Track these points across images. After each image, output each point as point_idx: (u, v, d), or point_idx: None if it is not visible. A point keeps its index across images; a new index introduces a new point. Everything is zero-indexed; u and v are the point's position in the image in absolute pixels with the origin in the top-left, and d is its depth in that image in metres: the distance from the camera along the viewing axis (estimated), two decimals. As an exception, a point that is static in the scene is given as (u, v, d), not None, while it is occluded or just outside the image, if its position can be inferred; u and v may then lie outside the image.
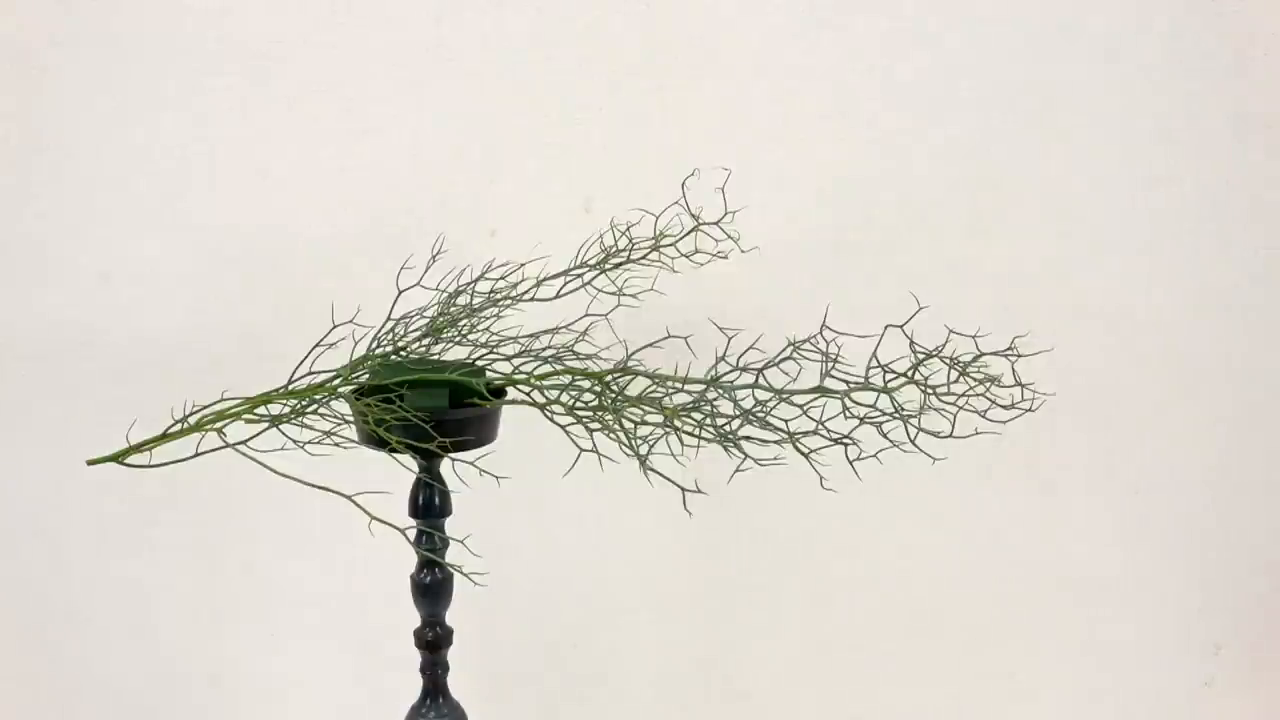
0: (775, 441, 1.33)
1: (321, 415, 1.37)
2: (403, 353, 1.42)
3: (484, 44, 1.71)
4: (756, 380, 1.34)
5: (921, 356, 1.33)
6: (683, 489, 1.31)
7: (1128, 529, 1.87)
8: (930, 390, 1.32)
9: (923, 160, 1.76)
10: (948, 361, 1.34)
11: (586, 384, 1.37)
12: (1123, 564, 1.88)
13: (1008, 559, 1.87)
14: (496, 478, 1.36)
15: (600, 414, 1.35)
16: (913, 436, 1.32)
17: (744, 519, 1.81)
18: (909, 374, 1.33)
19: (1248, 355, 1.83)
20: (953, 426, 1.32)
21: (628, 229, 1.45)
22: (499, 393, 1.41)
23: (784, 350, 1.35)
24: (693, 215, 1.42)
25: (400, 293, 1.42)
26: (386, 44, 1.70)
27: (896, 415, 1.32)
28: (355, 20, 1.69)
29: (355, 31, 1.69)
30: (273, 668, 1.85)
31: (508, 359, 1.43)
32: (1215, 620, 1.90)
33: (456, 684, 1.50)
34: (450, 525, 1.43)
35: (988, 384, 1.33)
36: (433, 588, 1.45)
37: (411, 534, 1.38)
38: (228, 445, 1.31)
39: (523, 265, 1.49)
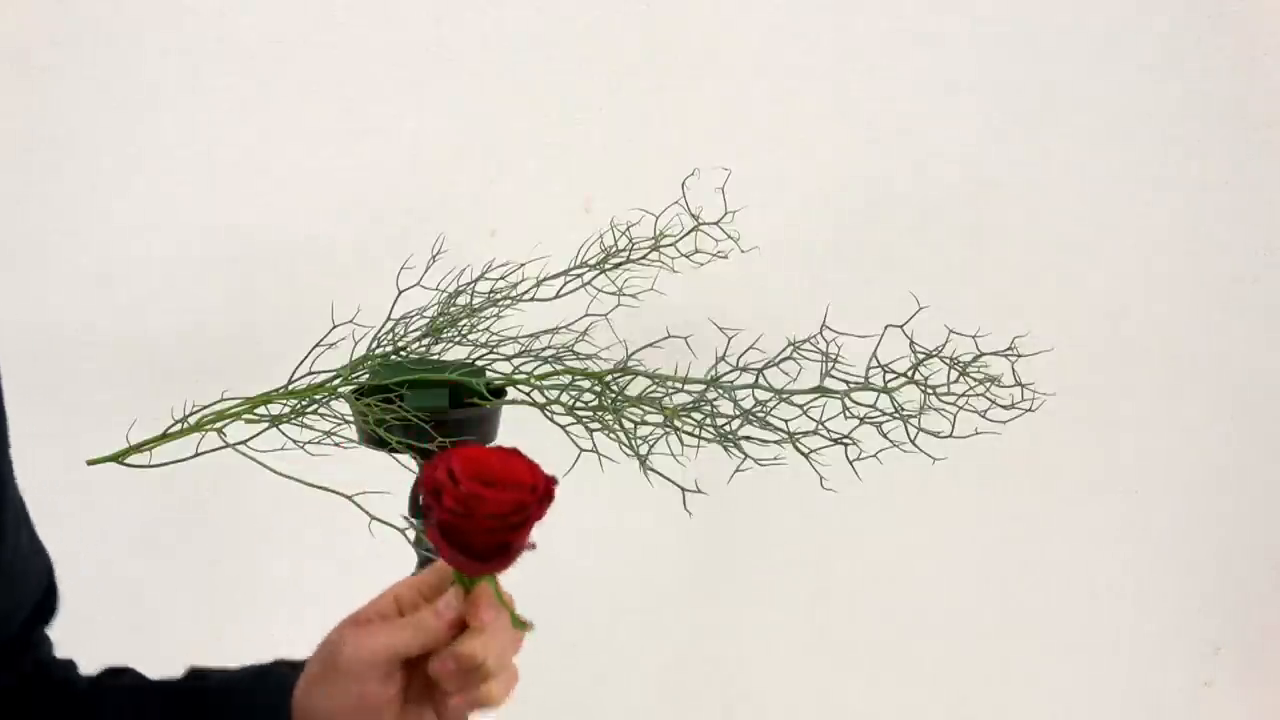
0: (775, 441, 1.33)
1: (321, 415, 1.37)
2: (403, 353, 1.42)
3: (484, 44, 1.71)
4: (756, 380, 1.34)
5: (921, 356, 1.33)
6: (683, 489, 1.31)
7: (1127, 529, 1.87)
8: (930, 390, 1.32)
9: (922, 160, 1.76)
10: (948, 361, 1.34)
11: (586, 384, 1.37)
12: (1122, 564, 1.88)
13: (1008, 559, 1.87)
14: (497, 478, 1.36)
15: (600, 414, 1.35)
16: (913, 436, 1.32)
17: (744, 519, 1.81)
18: (909, 374, 1.33)
19: (1248, 355, 1.83)
20: (953, 426, 1.32)
21: (628, 229, 1.45)
22: (499, 393, 1.41)
23: (784, 350, 1.35)
24: (693, 215, 1.42)
25: (400, 293, 1.42)
26: (386, 44, 1.70)
27: (896, 415, 1.32)
28: (355, 20, 1.69)
29: (355, 31, 1.69)
30: (273, 668, 1.85)
31: (508, 359, 1.43)
32: (1215, 620, 1.91)
33: (456, 684, 1.51)
34: (450, 525, 1.43)
35: (988, 384, 1.33)
36: (433, 588, 1.45)
37: (411, 534, 1.38)
38: (228, 445, 1.31)
39: (523, 265, 1.49)
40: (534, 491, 0.75)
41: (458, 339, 1.44)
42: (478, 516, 0.73)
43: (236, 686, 0.86)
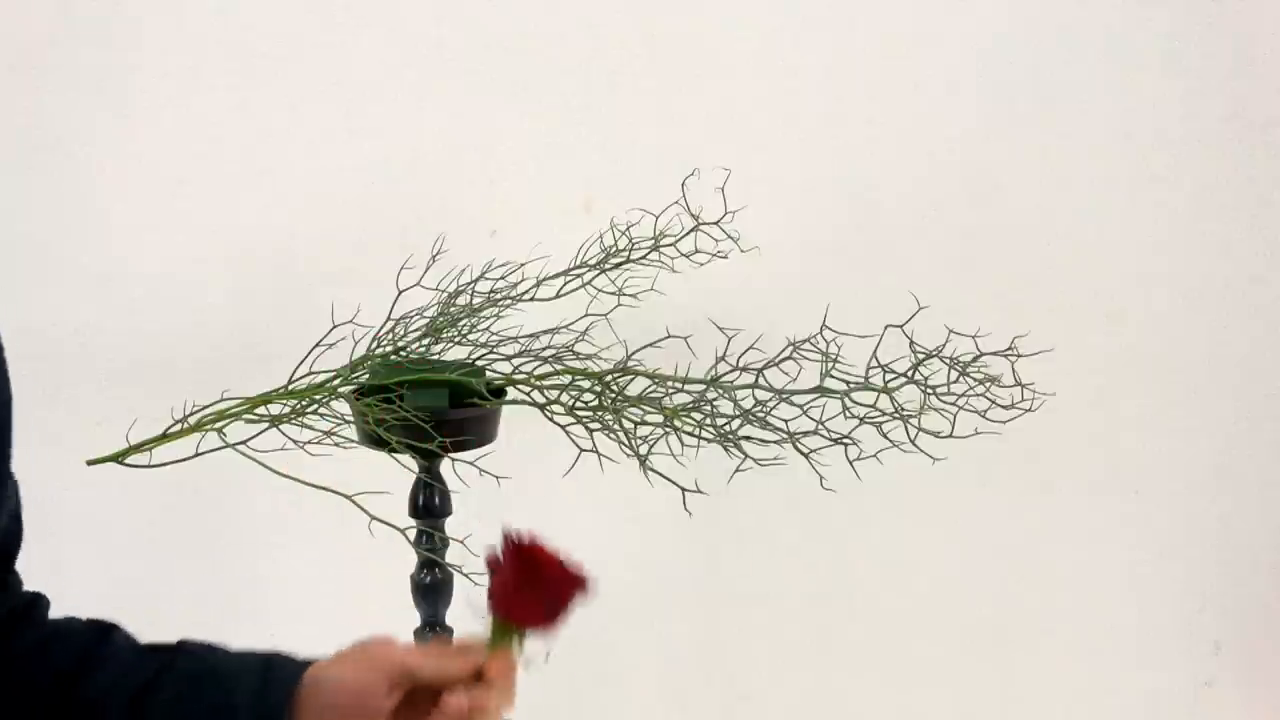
0: (775, 441, 1.33)
1: (321, 415, 1.37)
2: (403, 353, 1.42)
3: (484, 44, 1.71)
4: (756, 380, 1.35)
5: (921, 356, 1.33)
6: (683, 489, 1.31)
7: (1128, 529, 1.87)
8: (930, 390, 1.33)
9: (922, 160, 1.76)
10: (948, 361, 1.34)
11: (586, 384, 1.37)
12: (1123, 564, 1.88)
13: (1008, 559, 1.87)
14: (496, 478, 1.36)
15: (600, 414, 1.35)
16: (913, 436, 1.32)
17: (744, 519, 1.81)
18: (909, 374, 1.33)
19: (1248, 355, 1.83)
20: (953, 426, 1.32)
21: (628, 229, 1.45)
22: (499, 393, 1.41)
23: (784, 350, 1.35)
24: (693, 215, 1.42)
25: (400, 293, 1.42)
26: (386, 44, 1.70)
27: (896, 415, 1.32)
28: (355, 20, 1.69)
29: (355, 31, 1.69)
30: (273, 668, 1.85)
31: (508, 359, 1.43)
32: (1215, 620, 1.90)
33: (456, 684, 1.50)
34: (450, 525, 1.43)
35: (988, 384, 1.33)
36: (433, 588, 1.45)
37: (411, 534, 1.38)
38: (228, 445, 1.31)
39: (523, 265, 1.49)
40: (580, 585, 0.91)
41: (458, 339, 1.44)
42: (537, 593, 0.89)
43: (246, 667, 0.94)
